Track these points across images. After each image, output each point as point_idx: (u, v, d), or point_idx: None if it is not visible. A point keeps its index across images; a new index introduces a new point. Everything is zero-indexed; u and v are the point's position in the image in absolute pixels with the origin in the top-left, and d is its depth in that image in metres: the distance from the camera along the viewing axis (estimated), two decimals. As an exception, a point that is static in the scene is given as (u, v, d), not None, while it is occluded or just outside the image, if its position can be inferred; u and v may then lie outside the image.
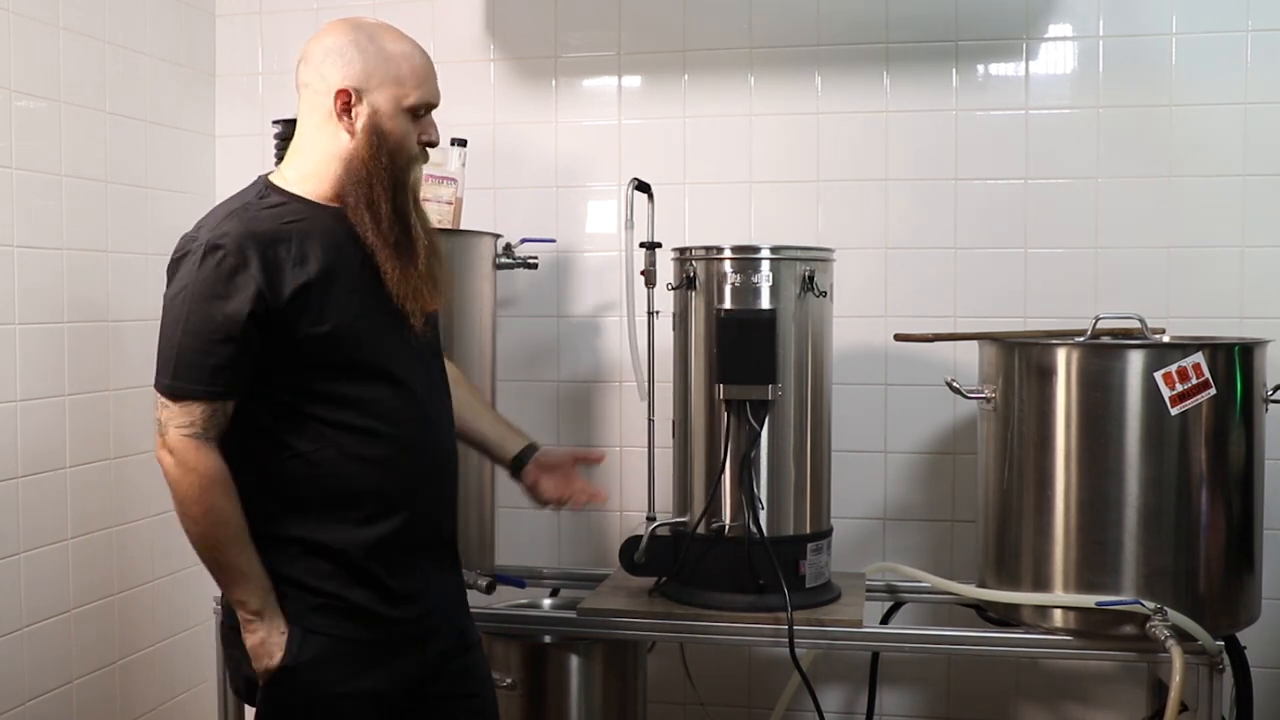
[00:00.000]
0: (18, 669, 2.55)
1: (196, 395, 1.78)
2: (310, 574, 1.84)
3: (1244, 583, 2.37)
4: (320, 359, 1.82)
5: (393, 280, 1.86)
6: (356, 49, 1.86)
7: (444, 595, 2.00)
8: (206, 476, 1.78)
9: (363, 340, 1.85)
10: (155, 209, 3.00)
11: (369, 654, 1.87)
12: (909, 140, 2.95)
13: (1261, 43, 2.80)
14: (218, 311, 1.76)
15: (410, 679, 1.93)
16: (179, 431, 1.78)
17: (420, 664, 1.93)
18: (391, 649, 1.89)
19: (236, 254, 1.77)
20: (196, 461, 1.78)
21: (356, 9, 3.03)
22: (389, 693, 1.89)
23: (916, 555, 2.96)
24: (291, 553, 1.84)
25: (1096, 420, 2.30)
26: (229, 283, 1.76)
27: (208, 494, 1.78)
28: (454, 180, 2.79)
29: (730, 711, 3.07)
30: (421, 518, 1.93)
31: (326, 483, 1.84)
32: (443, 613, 1.99)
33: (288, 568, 1.84)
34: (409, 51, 1.90)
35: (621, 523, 3.11)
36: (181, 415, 1.78)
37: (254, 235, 1.79)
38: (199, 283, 1.77)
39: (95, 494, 2.79)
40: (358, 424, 1.84)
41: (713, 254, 2.48)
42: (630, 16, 3.08)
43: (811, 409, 2.51)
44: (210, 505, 1.78)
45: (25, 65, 2.57)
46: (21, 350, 2.56)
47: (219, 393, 1.79)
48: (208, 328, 1.77)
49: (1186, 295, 2.83)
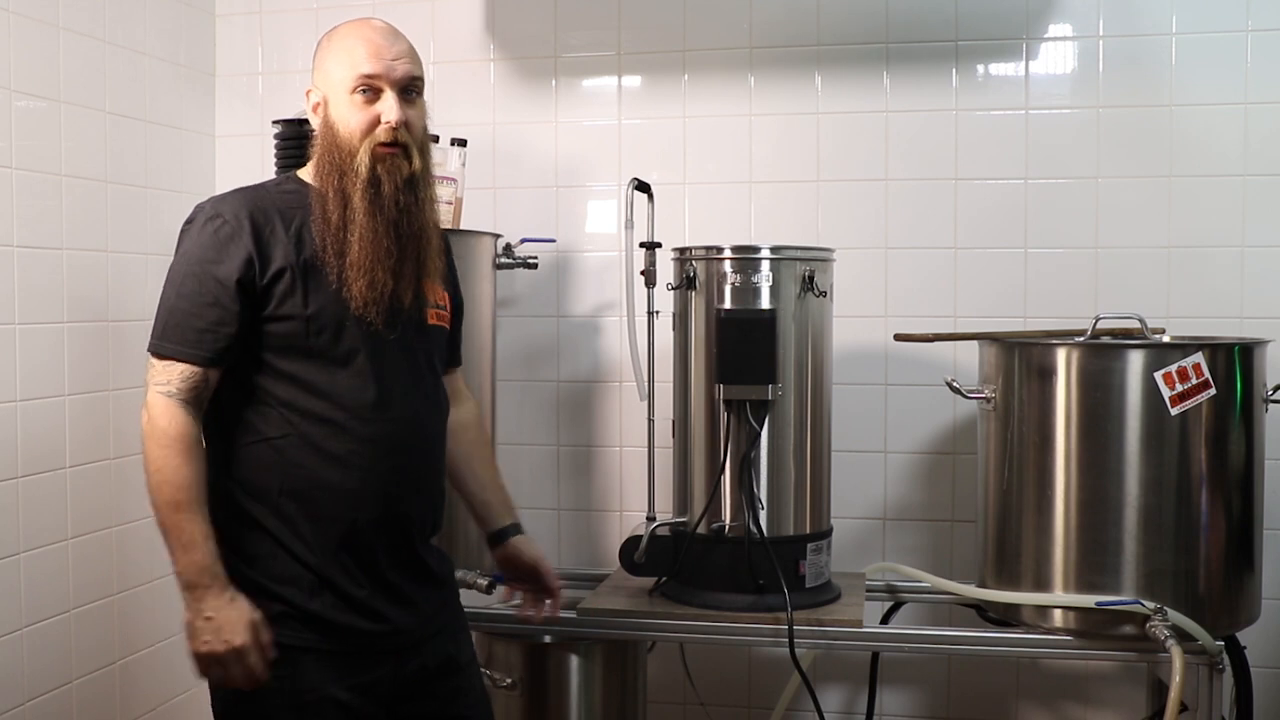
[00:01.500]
0: (18, 669, 2.55)
1: (179, 355, 1.80)
2: (268, 576, 1.82)
3: (1244, 583, 2.37)
4: (295, 341, 1.82)
5: (353, 276, 1.82)
6: (322, 49, 1.92)
7: (420, 612, 1.93)
8: (168, 434, 1.78)
9: (342, 330, 1.83)
10: (155, 209, 3.00)
11: (329, 662, 1.83)
12: (909, 140, 2.95)
13: (1261, 43, 2.80)
14: (209, 274, 1.80)
15: (382, 693, 1.88)
16: (156, 389, 1.80)
17: (395, 680, 1.89)
18: (360, 660, 1.85)
19: (234, 221, 1.82)
20: (163, 418, 1.78)
21: (356, 9, 3.03)
22: (356, 704, 1.84)
23: (916, 555, 2.96)
24: (251, 549, 1.83)
25: (1096, 420, 2.30)
26: (223, 248, 1.81)
27: (166, 451, 1.77)
28: (454, 180, 2.79)
29: (730, 711, 3.07)
30: (389, 525, 1.88)
31: (289, 472, 1.83)
32: (420, 631, 1.93)
33: (247, 566, 1.82)
34: (356, 36, 1.88)
35: (621, 523, 3.11)
36: (161, 374, 1.81)
37: (254, 208, 1.84)
38: (196, 247, 1.83)
39: (95, 494, 2.78)
40: (324, 414, 1.83)
41: (713, 254, 2.48)
42: (630, 16, 3.08)
43: (811, 409, 2.51)
44: (165, 463, 1.77)
45: (25, 65, 2.57)
46: (21, 350, 2.56)
47: (202, 357, 1.80)
48: (197, 290, 1.80)
49: (1186, 295, 2.83)
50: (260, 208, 1.85)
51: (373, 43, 1.86)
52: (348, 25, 1.92)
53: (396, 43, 1.89)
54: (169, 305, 1.83)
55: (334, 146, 1.86)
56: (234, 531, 1.84)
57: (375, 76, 1.85)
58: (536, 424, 3.15)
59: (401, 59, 1.87)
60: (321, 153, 1.88)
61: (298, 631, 1.82)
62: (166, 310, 1.83)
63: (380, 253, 1.83)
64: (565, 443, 3.14)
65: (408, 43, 1.91)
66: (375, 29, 1.89)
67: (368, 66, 1.85)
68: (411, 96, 1.89)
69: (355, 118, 1.85)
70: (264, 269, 1.80)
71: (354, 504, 1.85)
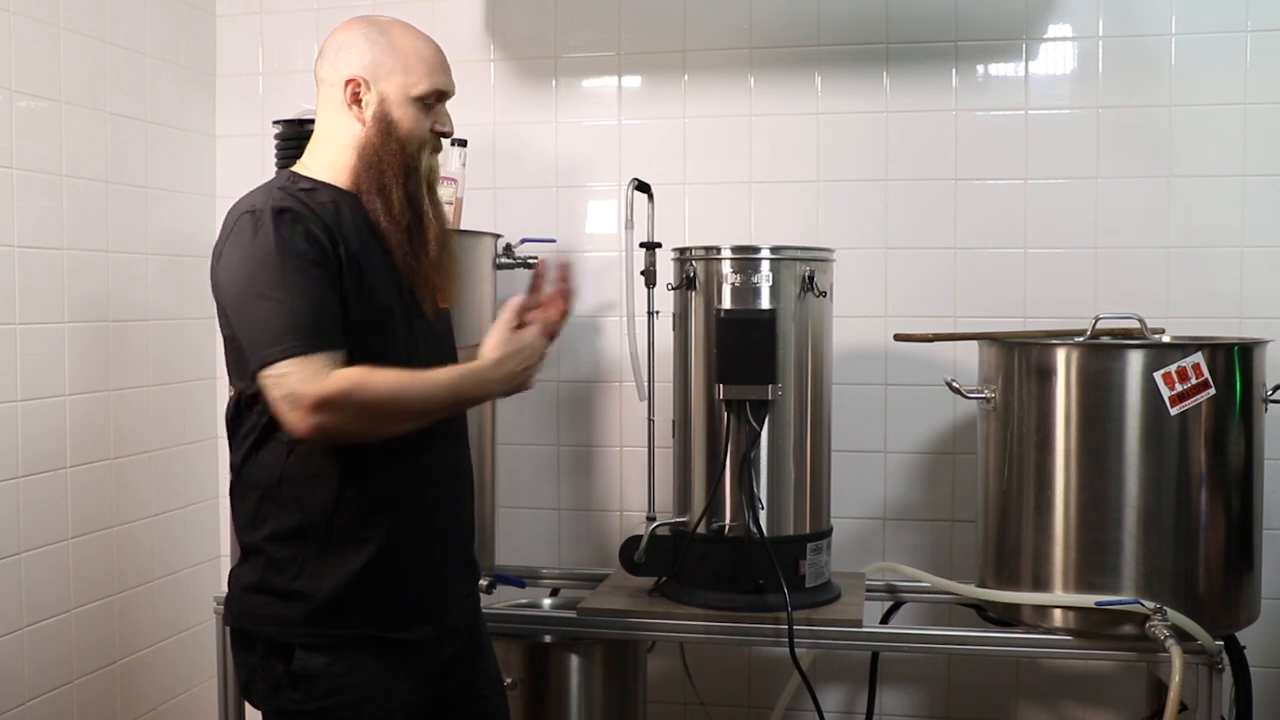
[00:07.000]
0: (18, 669, 2.56)
1: (316, 348, 1.71)
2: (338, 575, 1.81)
3: (1243, 582, 2.37)
4: (358, 339, 1.79)
5: (404, 264, 1.87)
6: (367, 41, 1.90)
7: (461, 602, 1.99)
8: (355, 388, 1.69)
9: (395, 329, 1.84)
10: (155, 209, 3.00)
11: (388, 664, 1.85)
12: (909, 140, 2.95)
13: (1261, 43, 2.80)
14: (305, 263, 1.74)
15: (432, 679, 1.92)
16: (310, 384, 1.68)
17: (439, 661, 1.93)
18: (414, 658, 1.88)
19: (304, 211, 1.78)
20: (340, 388, 1.68)
21: (356, 9, 3.03)
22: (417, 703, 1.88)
23: (916, 555, 2.96)
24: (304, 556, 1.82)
25: (1096, 420, 2.31)
26: (307, 238, 1.75)
27: (361, 402, 1.70)
28: (454, 180, 2.79)
29: (730, 711, 3.07)
30: (451, 514, 1.94)
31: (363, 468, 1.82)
32: (458, 617, 1.98)
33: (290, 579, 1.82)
34: (418, 42, 1.92)
35: (621, 523, 3.11)
36: (305, 369, 1.69)
37: (306, 204, 1.80)
38: (280, 241, 1.73)
39: (95, 494, 2.79)
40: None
41: (712, 254, 2.48)
42: (630, 16, 3.08)
43: (811, 409, 2.51)
44: (391, 400, 1.73)
45: (25, 65, 2.58)
46: (22, 350, 2.56)
47: (335, 344, 1.74)
48: (301, 282, 1.73)
49: (1186, 295, 2.83)
50: (309, 204, 1.81)
51: (440, 56, 1.94)
52: (400, 28, 1.93)
53: (444, 56, 1.96)
54: (288, 307, 1.71)
55: (388, 145, 1.87)
56: (301, 528, 1.82)
57: (445, 93, 1.93)
58: (536, 424, 3.15)
59: (451, 73, 1.96)
60: (374, 148, 1.87)
61: (365, 628, 1.83)
62: (286, 313, 1.71)
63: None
64: (565, 443, 3.14)
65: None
66: (428, 40, 1.95)
67: (442, 81, 1.92)
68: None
69: (422, 124, 1.90)
70: (338, 262, 1.78)
71: (421, 494, 1.88)
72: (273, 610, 1.83)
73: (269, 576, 1.83)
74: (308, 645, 1.81)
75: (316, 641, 1.81)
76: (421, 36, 1.94)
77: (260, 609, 1.84)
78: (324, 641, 1.81)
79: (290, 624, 1.81)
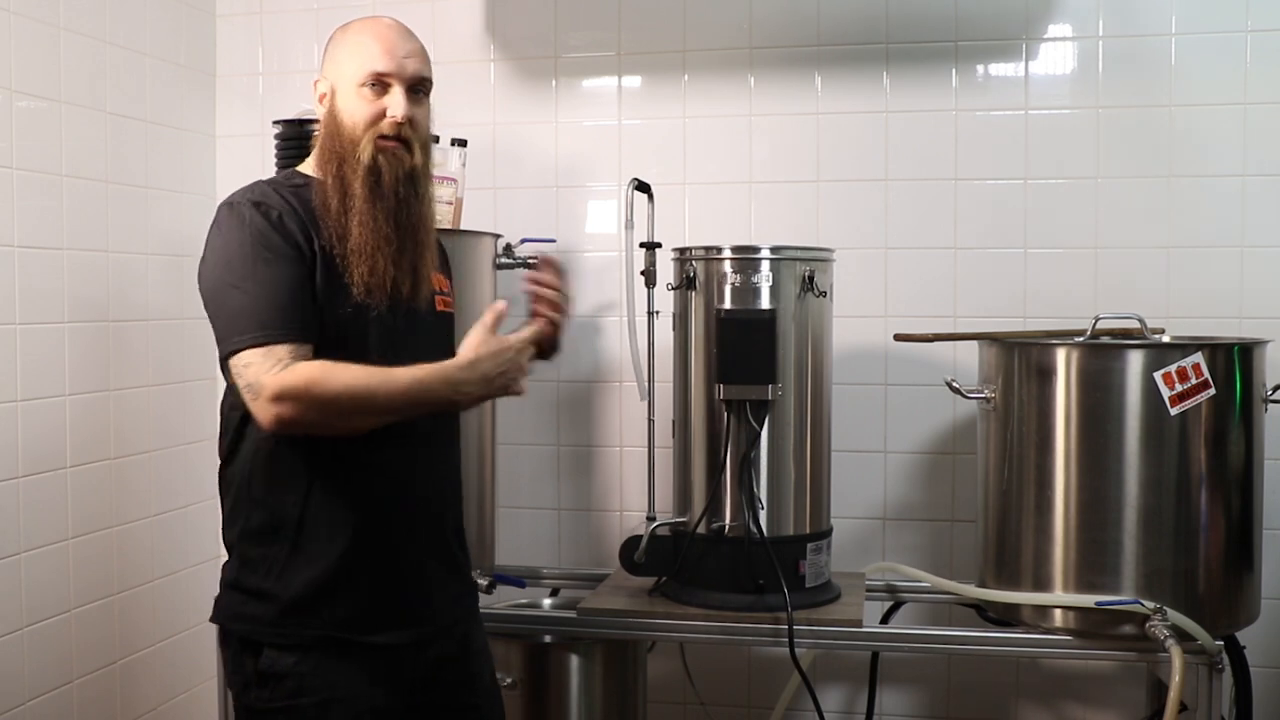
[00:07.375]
0: (18, 669, 2.55)
1: (280, 339, 1.72)
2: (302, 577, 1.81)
3: (1243, 582, 2.37)
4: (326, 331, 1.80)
5: (354, 261, 1.81)
6: (333, 42, 1.92)
7: (446, 607, 1.96)
8: (313, 383, 1.69)
9: (368, 326, 1.83)
10: (155, 209, 3.00)
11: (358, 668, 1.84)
12: (909, 140, 2.95)
13: (1261, 43, 2.80)
14: (276, 255, 1.76)
15: (405, 685, 1.89)
16: (271, 374, 1.69)
17: (415, 664, 1.90)
18: (386, 663, 1.86)
19: (281, 205, 1.80)
20: (298, 381, 1.68)
21: (356, 9, 3.03)
22: (389, 708, 1.86)
23: (916, 555, 2.96)
24: (274, 555, 1.82)
25: (1096, 420, 2.31)
26: (281, 229, 1.78)
27: (335, 393, 1.69)
28: (454, 180, 2.79)
29: (730, 711, 3.07)
30: (422, 515, 1.91)
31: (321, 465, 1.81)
32: (443, 623, 1.94)
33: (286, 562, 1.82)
34: (372, 33, 1.88)
35: (621, 523, 3.11)
36: (267, 359, 1.71)
37: (287, 199, 1.82)
38: (254, 233, 1.77)
39: (95, 494, 2.79)
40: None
41: (712, 254, 2.48)
42: (630, 16, 3.08)
43: (811, 409, 2.51)
44: (349, 396, 1.70)
45: (25, 65, 2.57)
46: (22, 350, 2.56)
47: (301, 336, 1.75)
48: (270, 273, 1.75)
49: (1186, 295, 2.83)
50: (293, 198, 1.83)
51: (386, 40, 1.87)
52: (362, 22, 1.92)
53: (409, 41, 1.90)
54: (251, 294, 1.73)
55: (336, 135, 1.86)
56: (269, 527, 1.82)
57: (386, 74, 1.85)
58: (536, 424, 3.15)
59: (412, 57, 1.89)
60: (323, 141, 1.88)
61: (333, 630, 1.82)
62: (249, 300, 1.73)
63: (380, 239, 1.82)
64: (565, 443, 3.14)
65: (419, 43, 1.93)
66: (389, 27, 1.90)
67: (380, 63, 1.85)
68: (419, 95, 1.90)
69: (361, 110, 1.85)
70: (312, 255, 1.79)
71: (393, 497, 1.86)
72: (246, 609, 1.84)
73: (242, 575, 1.85)
74: (276, 644, 1.81)
75: (285, 641, 1.81)
76: (380, 25, 1.89)
77: (236, 607, 1.86)
78: (292, 641, 1.81)
79: (261, 623, 1.82)
